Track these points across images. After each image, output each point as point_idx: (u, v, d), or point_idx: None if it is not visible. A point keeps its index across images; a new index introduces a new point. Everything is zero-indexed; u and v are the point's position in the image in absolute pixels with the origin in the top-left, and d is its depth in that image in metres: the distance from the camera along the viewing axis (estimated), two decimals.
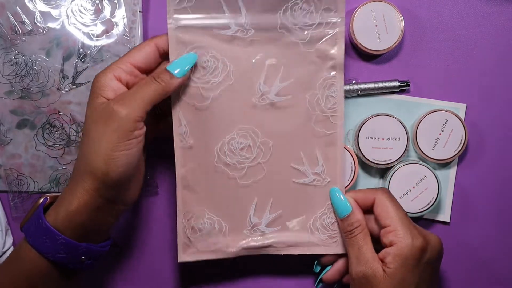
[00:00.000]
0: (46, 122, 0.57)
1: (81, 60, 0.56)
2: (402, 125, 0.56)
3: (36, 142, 0.57)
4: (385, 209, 0.49)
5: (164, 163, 0.59)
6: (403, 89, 0.58)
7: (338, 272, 0.54)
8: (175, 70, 0.48)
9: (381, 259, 0.48)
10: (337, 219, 0.53)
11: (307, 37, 0.50)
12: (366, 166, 0.58)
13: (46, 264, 0.46)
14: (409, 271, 0.47)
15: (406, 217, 0.49)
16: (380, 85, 0.57)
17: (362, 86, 0.57)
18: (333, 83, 0.51)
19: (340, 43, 0.51)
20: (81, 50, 0.56)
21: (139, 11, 0.57)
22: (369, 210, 0.52)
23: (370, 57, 0.58)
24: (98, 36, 0.57)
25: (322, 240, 0.53)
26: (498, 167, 0.59)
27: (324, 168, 0.52)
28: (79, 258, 0.47)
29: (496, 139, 0.59)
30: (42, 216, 0.46)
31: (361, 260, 0.49)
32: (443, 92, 0.58)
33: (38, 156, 0.58)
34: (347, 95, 0.57)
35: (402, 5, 0.58)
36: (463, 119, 0.58)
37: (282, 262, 0.59)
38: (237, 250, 0.52)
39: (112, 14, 0.57)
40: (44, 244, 0.45)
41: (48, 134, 0.57)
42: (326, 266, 0.55)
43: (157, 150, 0.59)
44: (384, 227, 0.49)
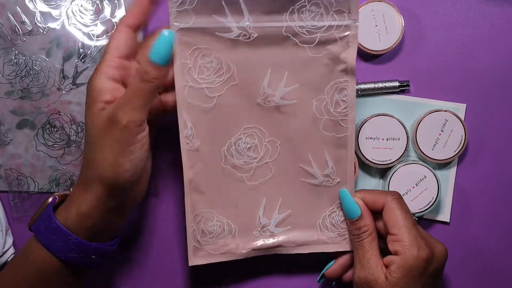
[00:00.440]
0: (46, 122, 0.57)
1: (81, 60, 0.56)
2: (402, 125, 0.56)
3: (36, 142, 0.57)
4: (393, 217, 0.49)
5: (164, 164, 0.59)
6: (403, 89, 0.58)
7: (340, 267, 0.54)
8: (159, 59, 0.45)
9: (385, 265, 0.48)
10: (346, 218, 0.52)
11: (315, 40, 0.49)
12: (366, 166, 0.58)
13: (57, 263, 0.47)
14: (412, 282, 0.47)
15: (414, 226, 0.49)
16: (380, 85, 0.57)
17: (362, 86, 0.57)
18: (344, 87, 0.50)
19: (352, 47, 0.49)
20: (81, 50, 0.56)
21: None
22: (378, 212, 0.51)
23: (370, 57, 0.58)
24: (98, 36, 0.57)
25: (331, 238, 0.53)
26: (498, 167, 0.59)
27: (334, 169, 0.52)
28: (90, 257, 0.47)
29: (496, 139, 0.59)
30: (53, 216, 0.46)
31: (364, 265, 0.49)
32: (443, 92, 0.58)
33: (38, 156, 0.58)
34: None
35: (402, 5, 0.58)
36: (463, 119, 0.58)
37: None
38: (247, 251, 0.52)
39: (112, 14, 0.57)
40: (55, 243, 0.46)
41: (48, 134, 0.57)
42: (332, 257, 0.55)
43: (157, 151, 0.59)
44: (391, 234, 0.49)
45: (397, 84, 0.57)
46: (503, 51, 0.58)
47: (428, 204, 0.56)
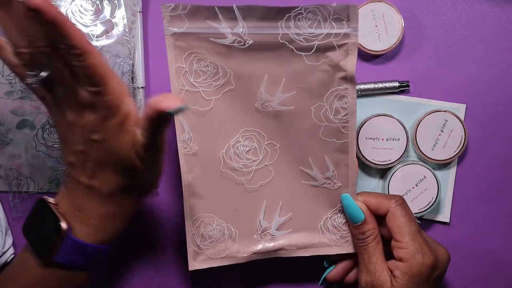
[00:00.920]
0: (46, 123, 0.57)
1: None
2: (402, 125, 0.56)
3: (36, 142, 0.57)
4: (397, 223, 0.49)
5: (164, 163, 0.59)
6: (403, 89, 0.58)
7: (342, 270, 0.54)
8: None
9: (389, 269, 0.48)
10: (348, 223, 0.52)
11: (313, 48, 0.47)
12: (365, 166, 0.58)
13: (90, 273, 0.47)
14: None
15: (418, 232, 0.48)
16: (380, 85, 0.57)
17: (362, 87, 0.57)
18: (344, 95, 0.49)
19: (352, 55, 0.47)
20: None
21: (139, 12, 0.57)
22: (381, 216, 0.51)
23: (370, 57, 0.58)
24: (98, 36, 0.57)
25: (333, 240, 0.52)
26: (498, 167, 0.59)
27: (335, 173, 0.51)
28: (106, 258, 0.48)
29: (496, 139, 0.59)
30: (95, 245, 0.46)
31: (370, 269, 0.49)
32: (443, 92, 0.58)
33: (38, 156, 0.58)
34: None
35: (402, 5, 0.58)
36: (463, 120, 0.58)
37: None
38: (248, 255, 0.52)
39: (112, 14, 0.57)
40: (91, 261, 0.47)
41: (48, 134, 0.57)
42: (336, 262, 0.55)
43: None
44: (395, 241, 0.49)
45: (397, 84, 0.57)
46: (503, 51, 0.58)
47: (428, 204, 0.56)
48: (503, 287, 0.59)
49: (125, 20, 0.57)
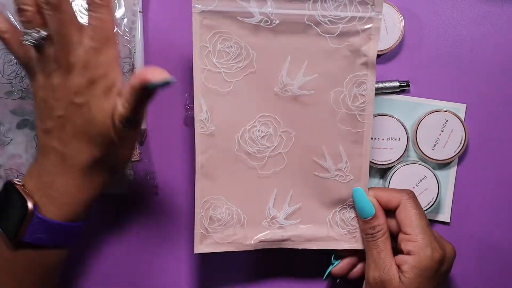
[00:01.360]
0: None
1: None
2: (402, 125, 0.56)
3: (36, 142, 0.57)
4: (408, 216, 0.49)
5: (164, 164, 0.59)
6: (403, 89, 0.58)
7: (348, 265, 0.54)
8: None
9: (397, 265, 0.48)
10: (357, 218, 0.52)
11: (337, 31, 0.48)
12: None
13: (58, 253, 0.47)
14: (425, 283, 0.47)
15: (428, 226, 0.49)
16: (380, 85, 0.57)
17: None
18: (363, 81, 0.50)
19: (374, 40, 0.49)
20: None
21: (139, 11, 0.57)
22: (391, 210, 0.51)
23: None
24: None
25: (341, 235, 0.52)
26: (498, 167, 0.59)
27: (348, 165, 0.51)
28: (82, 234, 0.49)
29: (496, 139, 0.59)
30: (59, 222, 0.46)
31: (379, 265, 0.49)
32: (443, 92, 0.58)
33: None
34: None
35: (402, 5, 0.58)
36: (463, 119, 0.58)
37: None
38: (254, 242, 0.52)
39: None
40: (60, 239, 0.46)
41: None
42: (343, 258, 0.55)
43: (157, 151, 0.59)
44: (404, 234, 0.49)
45: (397, 84, 0.57)
46: (503, 51, 0.58)
47: (428, 204, 0.56)
48: (504, 286, 0.59)
49: (125, 20, 0.57)
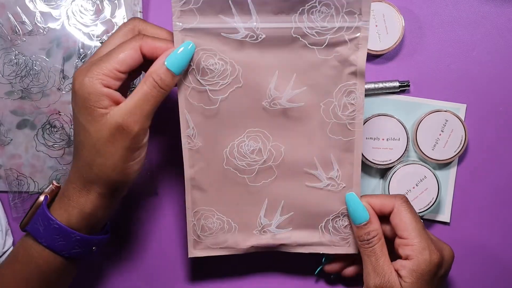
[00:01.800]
0: (46, 123, 0.57)
1: (81, 60, 0.56)
2: (402, 125, 0.56)
3: (36, 142, 0.57)
4: (403, 220, 0.48)
5: (164, 163, 0.59)
6: (403, 89, 0.58)
7: (339, 265, 0.54)
8: (175, 68, 0.45)
9: (395, 270, 0.48)
10: (351, 224, 0.51)
11: (325, 42, 0.47)
12: (366, 166, 0.58)
13: (60, 260, 0.47)
14: (424, 286, 0.47)
15: (423, 229, 0.48)
16: (380, 85, 0.57)
17: None
18: (352, 90, 0.48)
19: (362, 49, 0.47)
20: (81, 50, 0.56)
21: (139, 11, 0.57)
22: (384, 217, 0.50)
23: (370, 57, 0.58)
24: (98, 36, 0.57)
25: (333, 241, 0.52)
26: (498, 167, 0.59)
27: (339, 173, 0.50)
28: (91, 249, 0.49)
29: (496, 139, 0.59)
30: (52, 217, 0.46)
31: (379, 272, 0.48)
32: (443, 92, 0.58)
33: (38, 156, 0.58)
34: None
35: (402, 5, 0.58)
36: (463, 119, 0.58)
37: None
38: (247, 247, 0.52)
39: (112, 14, 0.57)
40: (58, 243, 0.46)
41: (48, 134, 0.57)
42: (334, 261, 0.55)
43: (157, 150, 0.59)
44: (401, 238, 0.48)
45: (397, 84, 0.57)
46: (503, 51, 0.58)
47: (428, 204, 0.56)
48: (504, 286, 0.59)
49: (125, 20, 0.57)
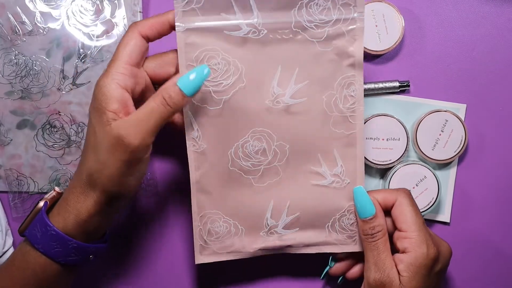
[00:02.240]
0: (46, 123, 0.57)
1: (81, 60, 0.56)
2: (402, 125, 0.56)
3: (36, 142, 0.57)
4: (404, 213, 0.48)
5: (164, 163, 0.59)
6: (403, 89, 0.58)
7: (345, 266, 0.54)
8: (187, 90, 0.45)
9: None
10: (357, 219, 0.51)
11: (324, 35, 0.48)
12: (366, 166, 0.58)
13: (56, 267, 0.47)
14: (421, 281, 0.47)
15: (423, 224, 0.48)
16: (380, 85, 0.57)
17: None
18: (352, 82, 0.49)
19: (359, 40, 0.48)
20: (81, 50, 0.56)
21: (139, 11, 0.57)
22: (386, 211, 0.50)
23: (370, 57, 0.58)
24: (98, 36, 0.57)
25: (340, 240, 0.52)
26: (498, 167, 0.59)
27: (343, 169, 0.51)
28: (88, 257, 0.48)
29: (496, 139, 0.59)
30: (50, 224, 0.46)
31: (380, 267, 0.48)
32: (443, 92, 0.58)
33: (38, 156, 0.58)
34: None
35: (402, 5, 0.58)
36: (463, 119, 0.58)
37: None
38: (254, 251, 0.52)
39: (112, 14, 0.57)
40: (54, 250, 0.46)
41: (48, 134, 0.57)
42: (340, 261, 0.55)
43: (157, 150, 0.59)
44: (400, 231, 0.49)
45: (397, 84, 0.57)
46: (503, 51, 0.58)
47: (428, 204, 0.56)
48: (504, 286, 0.59)
49: (125, 20, 0.57)
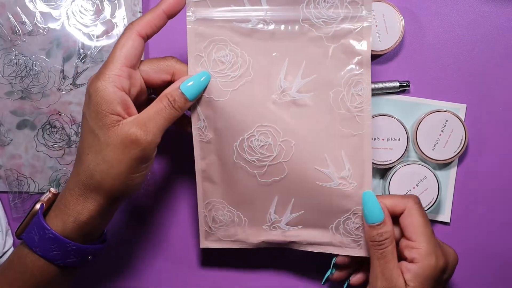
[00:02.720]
0: (46, 123, 0.57)
1: (81, 60, 0.57)
2: (402, 125, 0.56)
3: (36, 142, 0.57)
4: (414, 222, 0.47)
5: (164, 164, 0.59)
6: (403, 89, 0.58)
7: (347, 273, 0.53)
8: (189, 94, 0.47)
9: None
10: (363, 224, 0.49)
11: (331, 31, 0.48)
12: None
13: (54, 269, 0.47)
14: None
15: (432, 234, 0.48)
16: (380, 85, 0.57)
17: None
18: (359, 81, 0.48)
19: (367, 38, 0.48)
20: (81, 50, 0.56)
21: (139, 12, 0.57)
22: (394, 217, 0.49)
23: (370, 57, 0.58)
24: (98, 36, 0.57)
25: (344, 243, 0.51)
26: (498, 167, 0.59)
27: (350, 172, 0.49)
28: (87, 258, 0.48)
29: (496, 139, 0.59)
30: (48, 227, 0.45)
31: (387, 276, 0.47)
32: (443, 92, 0.58)
33: (38, 156, 0.58)
34: None
35: (402, 5, 0.58)
36: (463, 119, 0.58)
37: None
38: (257, 242, 0.52)
39: (112, 14, 0.57)
40: (53, 252, 0.46)
41: (48, 134, 0.57)
42: (342, 268, 0.53)
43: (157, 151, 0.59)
44: (408, 240, 0.48)
45: (397, 84, 0.57)
46: (503, 51, 0.58)
47: (428, 204, 0.56)
48: (503, 286, 0.59)
49: (125, 20, 0.57)
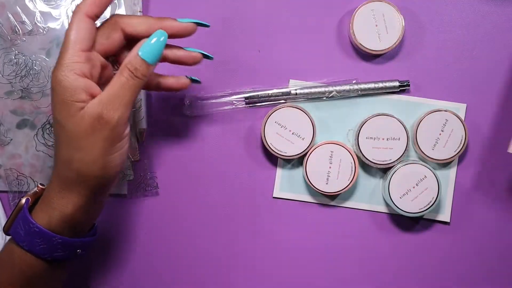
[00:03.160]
0: (46, 122, 0.57)
1: None
2: (402, 125, 0.56)
3: (36, 142, 0.57)
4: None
5: (164, 164, 0.59)
6: (403, 89, 0.58)
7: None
8: (149, 58, 0.44)
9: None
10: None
11: None
12: (366, 166, 0.58)
13: (42, 264, 0.46)
14: None
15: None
16: (380, 85, 0.57)
17: (362, 86, 0.57)
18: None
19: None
20: None
21: (139, 11, 0.57)
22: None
23: (370, 57, 0.58)
24: None
25: None
26: (498, 167, 0.59)
27: None
28: (75, 252, 0.47)
29: (496, 139, 0.59)
30: (33, 221, 0.45)
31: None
32: (443, 92, 0.58)
33: (38, 156, 0.58)
34: (347, 95, 0.58)
35: (402, 5, 0.58)
36: (463, 119, 0.58)
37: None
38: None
39: (112, 14, 0.57)
40: (39, 246, 0.45)
41: (48, 134, 0.57)
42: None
43: (157, 150, 0.59)
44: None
45: (397, 84, 0.57)
46: (503, 51, 0.58)
47: (428, 204, 0.56)
48: (504, 286, 0.59)
49: None
